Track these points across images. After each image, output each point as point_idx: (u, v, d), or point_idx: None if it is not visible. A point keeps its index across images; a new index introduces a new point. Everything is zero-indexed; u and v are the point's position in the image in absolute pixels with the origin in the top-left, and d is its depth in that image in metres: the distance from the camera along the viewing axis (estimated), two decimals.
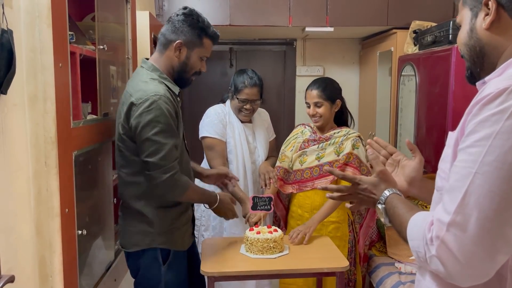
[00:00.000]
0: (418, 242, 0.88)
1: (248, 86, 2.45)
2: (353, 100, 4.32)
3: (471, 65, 0.99)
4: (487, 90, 0.84)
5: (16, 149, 1.33)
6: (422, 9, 3.42)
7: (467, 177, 0.81)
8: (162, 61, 1.87)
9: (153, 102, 1.70)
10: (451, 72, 2.53)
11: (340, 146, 2.32)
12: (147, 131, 1.70)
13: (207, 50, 1.91)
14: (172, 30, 1.84)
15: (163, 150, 1.71)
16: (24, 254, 1.37)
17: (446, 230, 0.82)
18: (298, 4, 3.45)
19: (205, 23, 1.87)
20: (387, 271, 2.61)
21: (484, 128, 0.80)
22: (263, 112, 2.73)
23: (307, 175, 2.37)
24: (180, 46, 1.84)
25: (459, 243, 0.80)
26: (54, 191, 1.43)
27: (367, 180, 1.16)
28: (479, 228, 0.79)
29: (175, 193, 1.79)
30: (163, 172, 1.72)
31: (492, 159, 0.79)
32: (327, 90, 2.35)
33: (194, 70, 1.92)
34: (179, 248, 1.92)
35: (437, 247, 0.83)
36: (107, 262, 2.03)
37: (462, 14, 0.99)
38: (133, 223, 1.86)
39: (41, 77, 1.38)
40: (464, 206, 0.80)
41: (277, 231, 2.09)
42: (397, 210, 1.03)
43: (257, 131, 2.62)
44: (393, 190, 1.10)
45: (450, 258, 0.81)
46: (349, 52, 4.35)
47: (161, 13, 3.41)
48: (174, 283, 1.91)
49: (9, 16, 1.20)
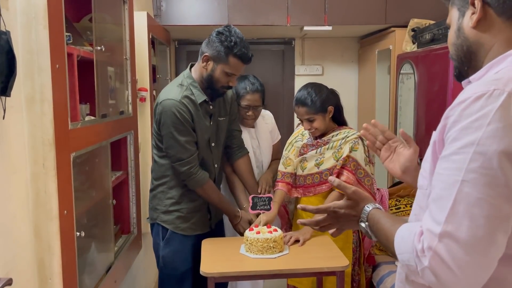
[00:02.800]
0: (408, 255, 0.87)
1: (250, 92, 2.40)
2: (352, 99, 4.32)
3: (458, 65, 1.00)
4: (464, 95, 0.83)
5: (14, 151, 1.32)
6: (420, 7, 3.42)
7: (453, 185, 0.80)
8: (197, 70, 2.14)
9: (167, 105, 2.02)
10: (450, 70, 2.52)
11: (339, 150, 2.24)
12: (164, 128, 2.06)
13: (232, 67, 2.05)
14: (206, 43, 2.08)
15: (177, 145, 2.05)
16: (23, 256, 1.37)
17: (438, 240, 0.80)
18: (296, 3, 3.45)
19: (232, 42, 2.00)
20: (387, 270, 2.61)
21: (467, 135, 0.80)
22: (267, 115, 2.65)
23: (309, 181, 2.33)
24: (207, 59, 2.06)
25: (452, 253, 0.79)
26: (52, 193, 1.43)
27: (343, 205, 1.13)
28: (471, 236, 0.78)
29: (190, 183, 2.12)
30: (180, 165, 2.07)
31: (478, 165, 0.78)
32: (316, 103, 2.21)
33: (221, 84, 2.09)
34: (178, 231, 2.19)
35: (430, 259, 0.81)
36: (107, 264, 2.02)
37: (451, 14, 1.00)
38: (151, 199, 2.27)
39: (38, 79, 1.38)
40: (454, 215, 0.80)
41: (276, 231, 2.09)
42: (381, 225, 1.01)
43: (260, 137, 2.57)
44: (373, 205, 1.08)
45: (444, 269, 0.80)
46: (348, 51, 4.35)
47: (159, 13, 3.40)
48: (170, 259, 2.19)
49: (5, 18, 1.19)
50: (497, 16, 0.90)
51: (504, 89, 0.80)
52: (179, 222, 2.20)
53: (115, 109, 2.15)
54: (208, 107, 2.15)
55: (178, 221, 2.20)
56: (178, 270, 2.20)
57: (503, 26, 0.90)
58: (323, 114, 2.25)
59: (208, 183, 2.15)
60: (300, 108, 2.25)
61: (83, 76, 1.74)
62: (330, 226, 1.18)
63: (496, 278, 0.84)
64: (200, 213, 2.25)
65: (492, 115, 0.78)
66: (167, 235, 2.20)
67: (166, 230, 2.21)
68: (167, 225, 2.20)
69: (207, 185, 2.15)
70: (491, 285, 0.85)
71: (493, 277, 0.84)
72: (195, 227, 2.23)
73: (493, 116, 0.78)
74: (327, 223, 1.17)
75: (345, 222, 1.15)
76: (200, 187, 2.13)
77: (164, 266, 2.22)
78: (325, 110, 2.25)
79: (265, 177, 2.51)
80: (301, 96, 2.25)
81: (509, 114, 0.78)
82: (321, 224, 1.17)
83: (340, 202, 1.13)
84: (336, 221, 1.15)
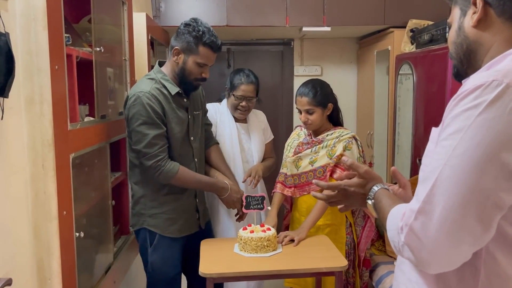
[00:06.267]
0: (393, 232, 0.91)
1: (244, 83, 2.47)
2: (351, 100, 4.32)
3: (458, 63, 1.01)
4: (465, 86, 0.85)
5: (13, 151, 1.32)
6: (418, 8, 3.42)
7: (437, 168, 0.83)
8: (169, 65, 2.11)
9: (138, 98, 1.96)
10: (448, 70, 2.53)
11: (333, 148, 2.28)
12: (132, 123, 1.98)
13: (203, 57, 2.04)
14: (175, 37, 2.07)
15: (145, 139, 1.96)
16: (22, 257, 1.37)
17: (414, 218, 0.84)
18: (295, 4, 3.45)
19: (201, 31, 2.01)
20: (386, 270, 2.62)
21: (458, 122, 0.82)
22: (260, 113, 2.73)
23: (303, 179, 2.36)
24: (178, 52, 2.04)
25: (425, 230, 0.82)
26: (52, 193, 1.43)
27: (353, 183, 1.17)
28: (444, 217, 0.81)
29: (160, 177, 2.01)
30: (147, 159, 1.98)
31: (461, 152, 0.81)
32: (318, 96, 2.27)
33: (194, 76, 2.07)
34: (166, 234, 2.12)
35: (405, 234, 0.85)
36: (106, 264, 2.02)
37: (453, 13, 1.01)
38: (133, 205, 2.16)
39: (37, 80, 1.38)
40: (432, 196, 0.83)
41: (270, 230, 2.11)
42: (382, 204, 1.05)
43: (252, 132, 2.62)
44: (381, 185, 1.12)
45: (418, 244, 0.84)
46: (347, 52, 4.35)
47: (158, 14, 3.40)
48: (158, 265, 2.13)
49: (4, 19, 1.20)
50: (497, 17, 0.92)
51: (503, 80, 0.81)
52: (168, 225, 2.12)
53: (114, 110, 2.15)
54: (182, 101, 2.11)
55: (167, 223, 2.12)
56: (167, 275, 2.15)
57: (503, 27, 0.92)
58: (323, 109, 2.31)
59: (179, 171, 2.03)
60: (303, 98, 2.30)
61: (82, 77, 1.74)
62: (339, 202, 1.23)
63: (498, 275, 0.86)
64: (188, 213, 2.20)
65: (485, 106, 0.80)
66: (155, 240, 2.12)
67: (154, 235, 2.12)
68: (155, 229, 2.11)
69: (179, 173, 2.03)
70: (494, 283, 0.86)
71: (497, 274, 0.86)
72: (183, 229, 2.18)
73: (485, 107, 0.80)
74: (337, 199, 1.22)
75: (354, 199, 1.19)
76: (173, 177, 2.02)
77: (153, 271, 2.15)
78: (325, 106, 2.31)
79: (255, 167, 2.52)
80: (305, 87, 2.32)
81: (501, 105, 0.79)
82: (331, 199, 1.22)
83: (352, 180, 1.17)
84: (345, 198, 1.20)
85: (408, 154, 3.09)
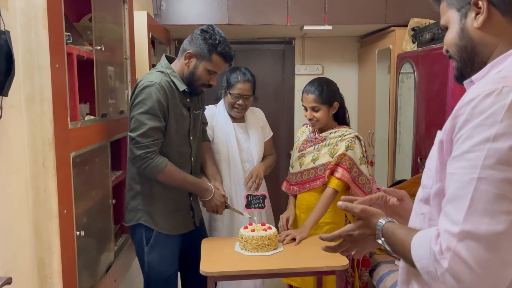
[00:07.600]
0: (426, 261, 0.84)
1: (241, 81, 2.48)
2: (352, 99, 4.31)
3: (461, 65, 0.99)
4: (472, 94, 0.83)
5: (14, 150, 1.32)
6: (420, 7, 3.41)
7: (470, 183, 0.79)
8: (178, 65, 2.12)
9: (146, 87, 1.96)
10: (450, 69, 2.52)
11: (335, 147, 2.28)
12: (135, 110, 1.97)
13: (215, 65, 2.08)
14: (189, 41, 2.09)
15: (142, 128, 1.94)
16: (23, 255, 1.37)
17: (457, 240, 0.78)
18: (296, 2, 3.45)
19: (217, 40, 2.05)
20: (387, 269, 2.61)
21: (480, 132, 0.79)
22: (258, 111, 2.73)
23: (305, 176, 2.37)
24: (190, 56, 2.06)
25: (473, 252, 0.77)
26: (52, 192, 1.43)
27: (355, 226, 1.10)
28: (492, 233, 0.77)
29: (147, 169, 1.98)
30: (138, 147, 1.95)
31: (494, 161, 0.78)
32: (324, 94, 2.28)
33: (202, 82, 2.09)
34: (163, 231, 2.10)
35: (449, 260, 0.79)
36: (107, 263, 2.02)
37: (448, 16, 0.99)
38: (129, 201, 2.12)
39: (38, 79, 1.38)
40: (473, 213, 0.78)
41: (271, 229, 2.11)
42: (396, 237, 0.98)
43: (251, 131, 2.61)
44: (385, 219, 1.04)
45: (465, 269, 0.78)
46: (348, 51, 4.35)
47: (159, 13, 3.40)
48: (156, 264, 2.11)
49: (5, 18, 1.19)
50: (502, 16, 0.90)
51: None
52: (165, 222, 2.11)
53: (115, 108, 2.15)
54: (185, 100, 2.12)
55: (164, 220, 2.11)
56: (164, 274, 2.14)
57: (508, 26, 0.90)
58: (328, 107, 2.32)
59: (167, 167, 1.99)
60: (309, 95, 2.31)
61: (83, 76, 1.74)
62: (349, 249, 1.16)
63: None
64: (183, 211, 2.18)
65: (505, 112, 0.78)
66: (151, 238, 2.10)
67: (150, 232, 2.09)
68: (151, 226, 2.09)
69: (166, 169, 1.99)
70: None
71: None
72: (179, 226, 2.17)
73: (505, 113, 0.78)
74: (346, 247, 1.15)
75: (363, 242, 1.12)
76: (160, 172, 1.98)
77: (150, 270, 2.13)
78: (331, 104, 2.32)
79: (256, 168, 2.52)
80: (312, 85, 2.33)
81: None
82: (341, 249, 1.16)
83: (352, 225, 1.11)
84: (354, 243, 1.13)
85: (409, 153, 3.08)
